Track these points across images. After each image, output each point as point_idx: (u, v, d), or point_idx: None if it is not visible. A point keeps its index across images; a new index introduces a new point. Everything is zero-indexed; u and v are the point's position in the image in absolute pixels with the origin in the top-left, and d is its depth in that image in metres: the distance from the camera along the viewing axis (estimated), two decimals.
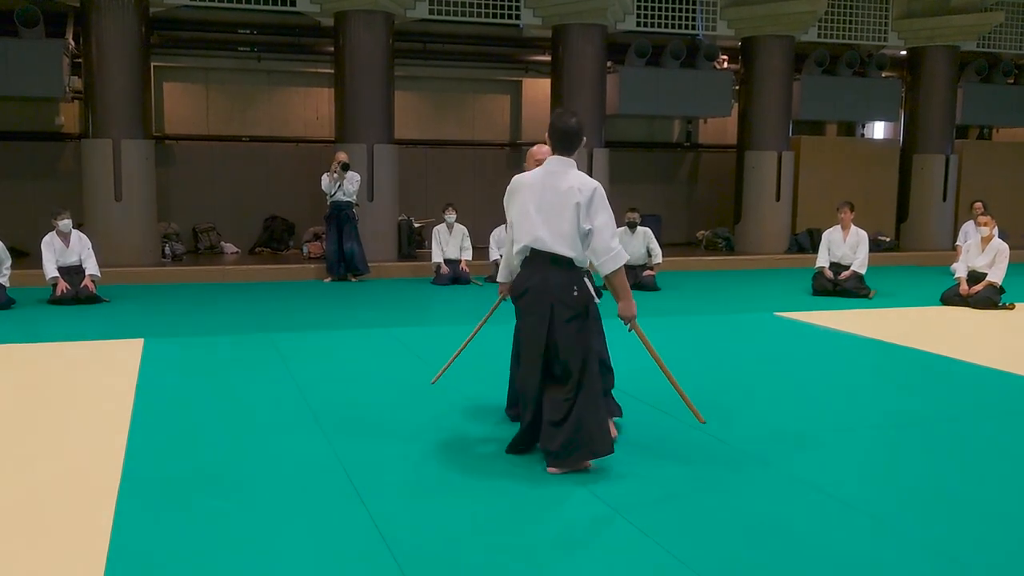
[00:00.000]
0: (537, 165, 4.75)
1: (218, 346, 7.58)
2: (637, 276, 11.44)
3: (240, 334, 8.15)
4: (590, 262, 4.49)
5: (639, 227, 11.61)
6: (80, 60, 12.65)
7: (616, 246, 4.42)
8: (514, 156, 16.41)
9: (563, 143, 4.52)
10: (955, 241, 13.99)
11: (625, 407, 5.36)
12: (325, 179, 12.10)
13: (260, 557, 3.42)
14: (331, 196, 12.06)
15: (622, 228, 11.63)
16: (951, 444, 5.02)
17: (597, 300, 4.64)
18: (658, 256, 11.58)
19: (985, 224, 10.45)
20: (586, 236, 4.39)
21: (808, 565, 3.40)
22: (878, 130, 19.27)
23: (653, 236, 11.75)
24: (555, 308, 4.40)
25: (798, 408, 5.77)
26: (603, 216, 4.42)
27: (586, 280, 4.55)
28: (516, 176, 4.63)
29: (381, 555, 3.42)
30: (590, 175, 15.57)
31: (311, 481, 4.26)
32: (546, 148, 4.75)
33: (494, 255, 11.82)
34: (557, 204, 4.40)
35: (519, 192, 4.54)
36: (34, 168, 13.97)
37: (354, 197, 12.13)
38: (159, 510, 3.88)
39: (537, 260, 4.46)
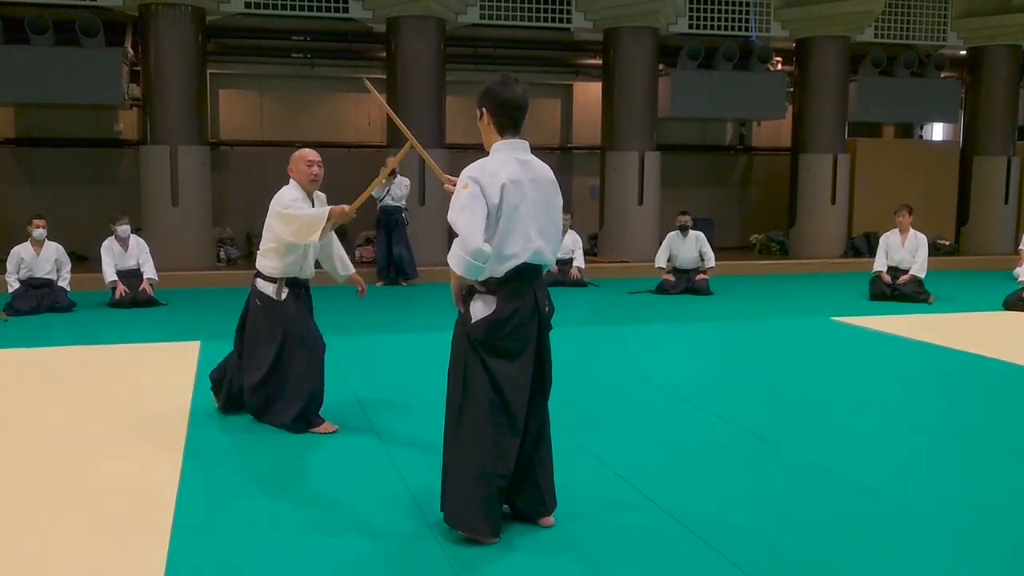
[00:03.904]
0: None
1: None
2: (690, 280, 11.34)
3: None
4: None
5: (691, 231, 11.49)
6: (138, 68, 12.90)
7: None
8: (565, 160, 16.38)
9: (516, 119, 3.59)
10: (1018, 245, 13.63)
11: (676, 411, 5.28)
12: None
13: (315, 559, 3.43)
14: (380, 201, 12.14)
15: (674, 232, 11.53)
16: (1008, 451, 4.87)
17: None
18: (711, 260, 11.46)
19: None
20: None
21: (859, 567, 3.32)
22: (937, 132, 18.89)
23: (706, 240, 11.62)
24: (543, 337, 3.66)
25: (854, 413, 5.64)
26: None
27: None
28: (480, 166, 3.49)
29: (437, 557, 3.41)
30: (641, 179, 15.58)
31: (367, 485, 4.26)
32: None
33: None
34: (544, 203, 3.59)
35: (507, 192, 3.46)
36: (94, 174, 14.28)
37: (403, 202, 12.19)
38: (217, 509, 3.91)
39: (524, 278, 3.56)
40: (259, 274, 5.23)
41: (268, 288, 5.18)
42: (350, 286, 5.76)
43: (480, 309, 3.55)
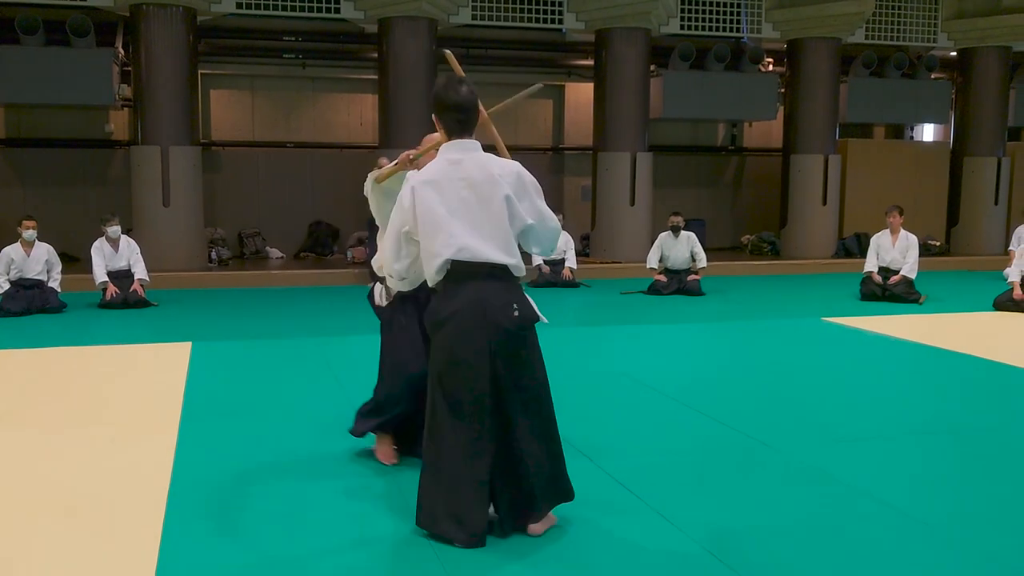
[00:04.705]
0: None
1: (264, 350, 7.64)
2: (682, 280, 11.35)
3: (286, 338, 8.21)
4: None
5: (683, 232, 11.51)
6: (129, 68, 12.87)
7: (559, 224, 3.68)
8: (557, 160, 16.39)
9: (462, 121, 3.57)
10: (1008, 245, 13.69)
11: (668, 411, 5.29)
12: (367, 185, 12.16)
13: (308, 562, 3.42)
14: None
15: (666, 232, 11.55)
16: (1001, 451, 4.89)
17: (543, 320, 3.63)
18: (703, 261, 11.47)
19: None
20: (524, 233, 3.57)
21: (852, 568, 3.33)
22: (927, 133, 18.96)
23: (697, 240, 11.64)
24: (493, 337, 3.48)
25: (845, 414, 5.66)
26: (538, 201, 3.58)
27: (525, 296, 3.60)
28: (409, 175, 3.73)
29: (430, 563, 3.40)
30: (633, 180, 15.62)
31: (357, 485, 4.26)
32: (435, 135, 3.82)
33: (536, 260, 11.79)
34: (477, 200, 3.48)
35: (418, 194, 3.54)
36: (84, 175, 14.23)
37: None
38: (207, 510, 3.91)
39: (462, 276, 3.50)
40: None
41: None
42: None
43: (430, 310, 3.61)
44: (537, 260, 11.43)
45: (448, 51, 4.02)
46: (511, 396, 3.52)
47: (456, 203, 3.47)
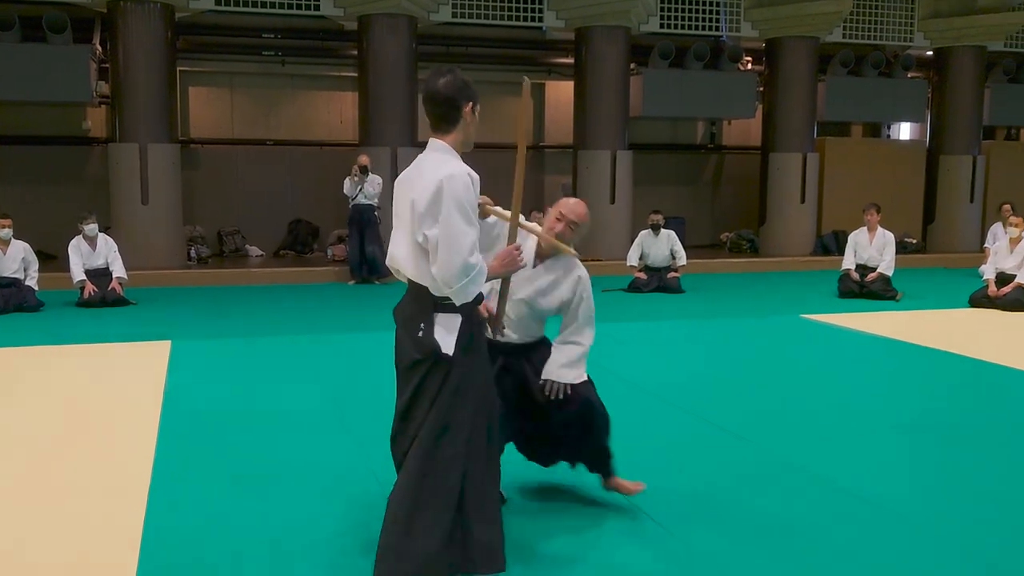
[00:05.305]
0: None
1: (244, 348, 7.61)
2: (662, 278, 11.41)
3: (266, 336, 8.18)
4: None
5: (663, 229, 11.57)
6: (107, 65, 12.78)
7: (469, 263, 2.96)
8: (537, 158, 16.40)
9: (435, 115, 3.14)
10: (983, 243, 13.84)
11: (648, 407, 5.32)
12: (347, 183, 12.16)
13: (287, 556, 3.43)
14: (352, 199, 12.10)
15: (646, 230, 11.60)
16: (978, 446, 4.96)
17: (445, 354, 3.10)
18: (682, 258, 11.54)
19: (1016, 225, 10.34)
20: (425, 250, 3.06)
21: (828, 562, 3.37)
22: (904, 131, 19.12)
23: (677, 238, 11.71)
24: (400, 351, 3.26)
25: (824, 410, 5.71)
26: (444, 222, 2.96)
27: (445, 321, 3.12)
28: None
29: None
30: (613, 178, 15.60)
31: (339, 482, 4.27)
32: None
33: None
34: (402, 209, 3.18)
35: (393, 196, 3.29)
36: (62, 172, 14.11)
37: (375, 200, 12.14)
38: (187, 508, 3.90)
39: (405, 290, 3.28)
40: None
41: None
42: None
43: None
44: None
45: (527, 79, 3.41)
46: (403, 428, 3.22)
47: (401, 208, 3.17)
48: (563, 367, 3.79)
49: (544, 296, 3.84)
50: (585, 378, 3.86)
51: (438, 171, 3.01)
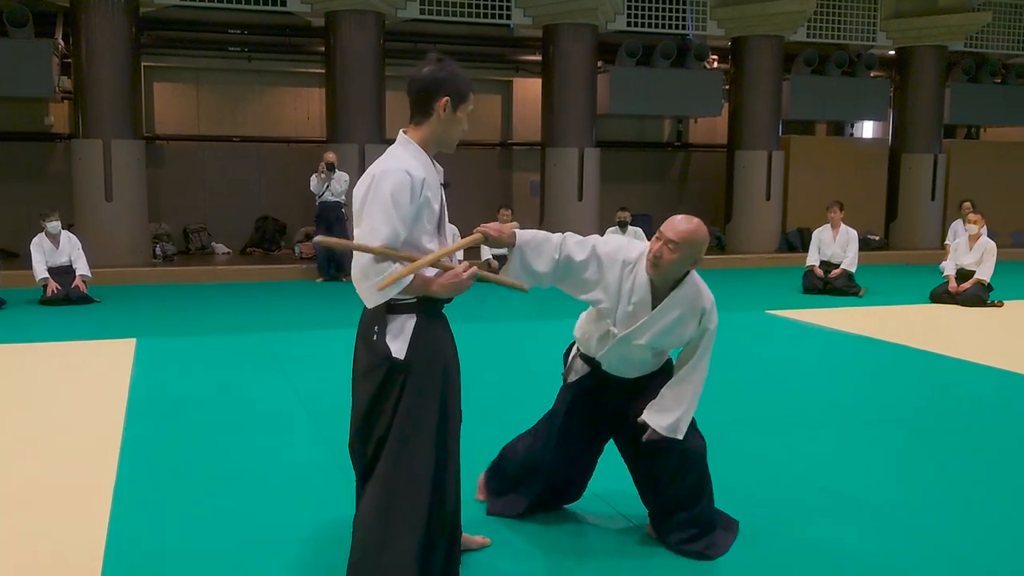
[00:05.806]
0: None
1: (210, 346, 7.57)
2: None
3: (232, 334, 8.14)
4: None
5: (630, 227, 11.64)
6: (70, 60, 12.62)
7: (375, 266, 2.76)
8: (505, 156, 16.43)
9: (411, 103, 3.00)
10: (944, 240, 14.07)
11: None
12: (313, 180, 12.12)
13: (255, 554, 3.43)
14: (319, 196, 12.06)
15: (613, 227, 11.67)
16: (942, 440, 5.06)
17: (396, 359, 2.85)
18: None
19: (975, 222, 10.52)
20: None
21: (794, 554, 3.43)
22: (867, 130, 19.36)
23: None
24: (356, 356, 3.01)
25: (788, 404, 5.80)
26: (368, 220, 2.77)
27: (397, 324, 2.89)
28: None
29: None
30: (581, 175, 15.67)
31: (306, 479, 4.27)
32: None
33: (485, 254, 11.83)
34: (356, 206, 2.91)
35: None
36: (23, 169, 13.92)
37: (342, 197, 12.11)
38: (154, 507, 3.89)
39: None
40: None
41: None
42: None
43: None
44: (486, 254, 11.45)
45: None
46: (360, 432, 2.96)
47: (355, 205, 2.93)
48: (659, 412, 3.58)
49: (669, 335, 3.61)
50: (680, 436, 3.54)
51: (377, 166, 2.83)
